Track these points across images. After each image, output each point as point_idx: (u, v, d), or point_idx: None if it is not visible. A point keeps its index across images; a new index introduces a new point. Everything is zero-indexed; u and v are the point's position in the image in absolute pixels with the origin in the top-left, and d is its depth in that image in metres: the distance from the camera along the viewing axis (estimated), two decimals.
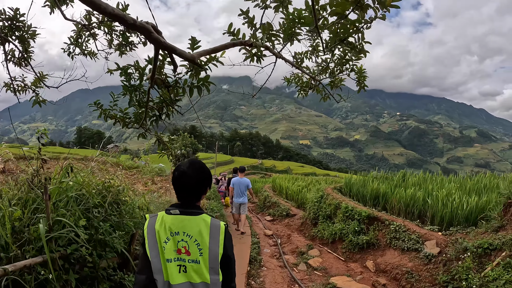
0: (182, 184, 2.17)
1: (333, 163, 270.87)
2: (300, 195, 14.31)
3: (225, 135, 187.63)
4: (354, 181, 10.85)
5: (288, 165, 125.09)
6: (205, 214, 2.21)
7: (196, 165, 2.24)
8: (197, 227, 2.13)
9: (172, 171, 17.26)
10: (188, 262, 2.10)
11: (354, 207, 8.86)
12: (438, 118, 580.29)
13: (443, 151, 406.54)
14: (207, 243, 2.12)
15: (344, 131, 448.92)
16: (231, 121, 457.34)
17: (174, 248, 2.10)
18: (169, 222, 2.12)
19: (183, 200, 2.20)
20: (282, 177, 19.24)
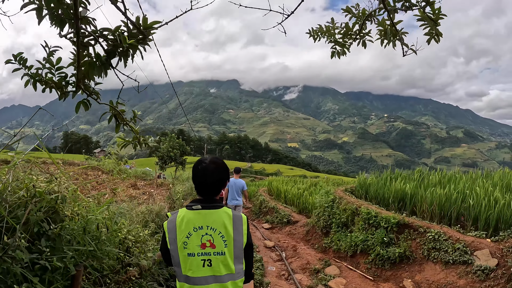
0: (204, 179, 2.19)
1: (321, 165, 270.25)
2: (302, 199, 12.67)
3: (214, 139, 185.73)
4: (370, 182, 9.23)
5: (277, 168, 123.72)
6: (225, 207, 2.23)
7: (216, 160, 2.28)
8: (221, 219, 2.16)
9: (156, 174, 15.26)
10: (213, 255, 2.13)
11: (378, 213, 7.26)
12: (425, 119, 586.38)
13: (431, 152, 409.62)
14: (231, 234, 2.16)
15: (332, 133, 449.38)
16: (219, 124, 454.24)
17: (197, 243, 2.12)
18: (192, 217, 2.15)
19: (204, 195, 2.23)
20: (279, 180, 17.53)
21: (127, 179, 17.26)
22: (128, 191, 13.65)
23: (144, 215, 7.69)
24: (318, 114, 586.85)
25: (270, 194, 16.10)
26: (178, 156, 20.38)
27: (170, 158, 20.15)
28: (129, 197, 12.61)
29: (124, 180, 17.09)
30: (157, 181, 14.36)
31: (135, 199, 11.90)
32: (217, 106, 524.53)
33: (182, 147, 21.05)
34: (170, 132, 26.77)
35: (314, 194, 12.71)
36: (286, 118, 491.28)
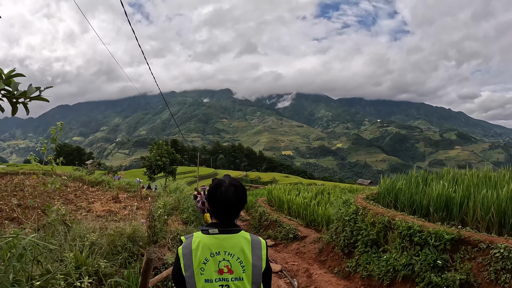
0: (224, 203, 2.13)
1: (316, 172, 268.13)
2: (309, 210, 10.84)
3: (208, 148, 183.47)
4: (400, 186, 7.43)
5: (273, 176, 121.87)
6: (243, 230, 2.18)
7: (235, 182, 2.20)
8: (239, 245, 2.11)
9: (140, 185, 13.34)
10: (231, 280, 2.08)
11: (422, 226, 5.49)
12: (418, 123, 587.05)
13: (425, 155, 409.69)
14: (250, 260, 2.11)
15: (326, 140, 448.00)
16: (213, 134, 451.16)
17: (215, 269, 2.07)
18: (208, 242, 2.10)
19: (223, 218, 2.17)
20: (280, 188, 15.66)
21: (110, 190, 15.40)
22: (107, 205, 11.77)
23: (112, 239, 5.83)
24: (311, 121, 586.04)
25: (271, 204, 14.31)
26: (167, 165, 18.50)
27: (159, 167, 18.27)
28: (107, 212, 10.77)
29: (106, 192, 15.23)
30: (142, 193, 12.47)
31: (114, 214, 10.06)
32: (210, 116, 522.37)
33: (172, 155, 19.19)
34: (158, 140, 24.95)
35: (323, 204, 10.92)
36: (279, 126, 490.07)
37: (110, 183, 15.80)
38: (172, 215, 8.29)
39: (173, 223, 7.22)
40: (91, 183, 17.36)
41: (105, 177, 17.18)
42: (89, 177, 18.02)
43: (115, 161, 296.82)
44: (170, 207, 8.58)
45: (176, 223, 7.49)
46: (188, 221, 7.77)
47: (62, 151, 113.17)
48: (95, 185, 16.95)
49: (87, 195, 14.64)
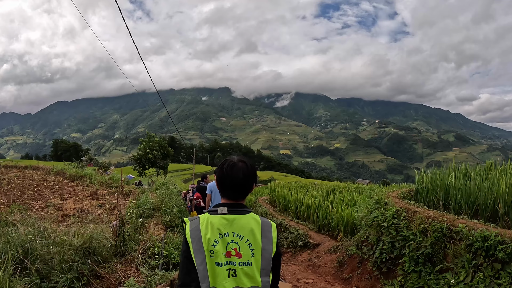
0: (232, 179, 2.02)
1: (314, 172, 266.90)
2: (322, 211, 9.05)
3: (205, 146, 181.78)
4: (451, 180, 5.63)
5: (271, 175, 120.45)
6: (252, 212, 2.07)
7: (245, 159, 2.12)
8: (248, 226, 1.99)
9: (122, 180, 11.58)
10: (238, 265, 1.95)
11: (504, 235, 3.76)
12: (416, 124, 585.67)
13: (423, 156, 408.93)
14: (259, 243, 1.98)
15: (324, 140, 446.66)
16: (211, 132, 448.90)
17: (223, 251, 1.94)
18: (217, 223, 1.97)
19: (231, 197, 2.06)
20: (285, 186, 13.81)
21: (90, 186, 13.60)
22: (80, 203, 9.96)
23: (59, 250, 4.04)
24: (310, 121, 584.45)
25: (273, 204, 12.50)
26: (158, 159, 16.61)
27: (149, 162, 16.38)
28: (80, 210, 9.00)
29: (86, 187, 13.44)
30: (123, 189, 10.68)
31: (85, 214, 8.28)
32: (209, 114, 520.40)
33: (164, 148, 17.29)
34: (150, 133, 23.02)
35: (338, 204, 9.15)
36: (278, 125, 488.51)
37: (92, 178, 14.00)
38: (153, 216, 6.55)
39: (151, 228, 5.43)
40: (72, 177, 15.58)
41: (87, 170, 15.39)
42: (71, 171, 16.22)
43: (112, 158, 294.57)
44: (151, 207, 6.83)
45: (156, 228, 5.71)
46: (171, 225, 6.00)
47: (59, 147, 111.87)
48: (76, 179, 15.17)
49: (64, 190, 12.88)
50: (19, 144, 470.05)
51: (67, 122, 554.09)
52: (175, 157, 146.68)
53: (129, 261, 4.31)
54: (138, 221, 5.22)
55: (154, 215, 6.63)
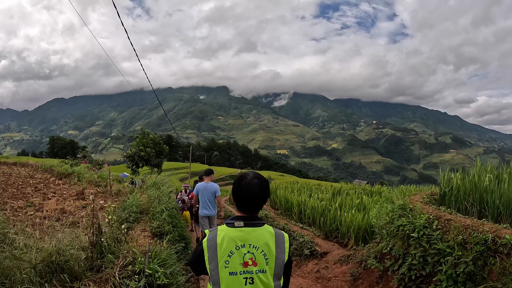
0: (249, 194, 2.16)
1: (311, 172, 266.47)
2: (329, 216, 8.20)
3: (203, 145, 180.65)
4: (486, 184, 4.80)
5: (268, 174, 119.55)
6: (266, 224, 2.22)
7: (259, 175, 2.26)
8: (263, 238, 2.14)
9: (110, 178, 10.72)
10: (255, 273, 2.10)
11: None
12: (413, 125, 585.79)
13: (420, 158, 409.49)
14: (274, 253, 2.13)
15: (321, 140, 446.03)
16: (209, 131, 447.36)
17: (240, 262, 2.10)
18: (233, 235, 2.12)
19: (247, 211, 2.20)
20: (287, 187, 12.86)
21: (78, 184, 12.71)
22: (63, 203, 9.08)
23: None
24: (307, 121, 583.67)
25: (275, 207, 11.61)
26: (152, 156, 15.70)
27: (142, 159, 15.46)
28: (60, 212, 8.15)
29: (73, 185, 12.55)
30: (112, 189, 9.80)
31: (67, 215, 7.43)
32: (206, 113, 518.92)
33: (159, 145, 16.36)
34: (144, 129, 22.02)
35: (347, 207, 8.30)
36: (275, 125, 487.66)
37: (81, 176, 13.11)
38: (140, 221, 5.70)
39: (137, 236, 4.57)
40: (59, 175, 14.69)
41: (76, 168, 14.49)
42: (59, 168, 15.33)
43: (109, 156, 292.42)
44: (138, 210, 5.98)
45: (143, 235, 4.85)
46: (160, 233, 5.13)
47: (55, 144, 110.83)
48: (64, 177, 14.27)
49: (49, 189, 11.99)
50: (16, 140, 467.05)
51: (64, 119, 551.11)
52: (172, 156, 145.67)
53: (104, 279, 3.46)
54: (121, 228, 4.38)
55: (142, 219, 5.78)
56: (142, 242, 4.37)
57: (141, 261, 3.50)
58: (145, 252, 3.71)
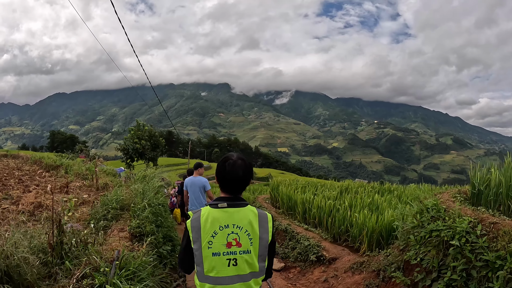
0: (232, 176, 2.13)
1: (311, 170, 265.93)
2: (338, 216, 7.37)
3: (203, 141, 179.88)
4: None
5: (269, 172, 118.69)
6: (249, 205, 2.19)
7: (243, 157, 2.23)
8: (247, 218, 2.12)
9: (96, 170, 9.90)
10: (239, 253, 2.08)
11: None
12: (414, 126, 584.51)
13: (420, 158, 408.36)
14: (257, 232, 2.11)
15: (322, 138, 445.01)
16: (209, 128, 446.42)
17: (223, 242, 2.07)
18: (217, 216, 2.10)
19: (231, 191, 2.17)
20: (290, 184, 11.88)
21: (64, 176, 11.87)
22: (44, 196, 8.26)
23: None
24: (308, 119, 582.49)
25: (276, 205, 10.72)
26: (147, 149, 14.81)
27: (137, 152, 14.60)
28: (36, 206, 7.36)
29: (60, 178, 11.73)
30: (98, 182, 8.95)
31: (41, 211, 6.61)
32: (207, 110, 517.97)
33: (154, 138, 15.48)
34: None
35: (358, 207, 7.44)
36: (276, 123, 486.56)
37: (69, 168, 12.30)
38: (120, 219, 4.86)
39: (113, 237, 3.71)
40: (48, 167, 13.88)
41: (65, 160, 13.68)
42: (48, 160, 14.53)
43: (110, 151, 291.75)
44: (118, 206, 5.14)
45: (120, 237, 4.00)
46: (140, 233, 4.27)
47: (56, 139, 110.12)
48: (52, 169, 13.47)
49: (34, 181, 11.18)
50: (17, 134, 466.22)
51: (66, 114, 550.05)
52: (172, 152, 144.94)
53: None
54: (90, 228, 3.54)
55: (122, 217, 4.95)
56: (116, 245, 3.52)
57: (105, 271, 2.65)
58: (113, 259, 2.86)
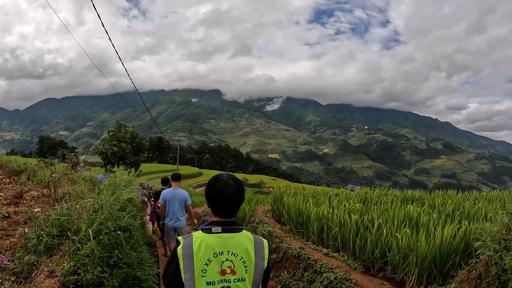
0: (226, 196, 2.03)
1: (302, 176, 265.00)
2: (371, 238, 5.39)
3: (194, 148, 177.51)
4: None
5: (260, 178, 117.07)
6: (245, 230, 2.11)
7: (234, 177, 2.15)
8: (243, 244, 2.02)
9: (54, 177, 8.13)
10: (233, 282, 1.98)
11: None
12: (405, 131, 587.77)
13: (411, 163, 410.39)
14: (253, 260, 2.02)
15: (313, 145, 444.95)
16: (200, 134, 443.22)
17: (217, 270, 1.96)
18: (211, 242, 1.98)
19: (224, 214, 2.07)
20: (297, 194, 9.54)
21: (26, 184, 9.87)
22: None
23: None
24: (299, 125, 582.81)
25: (280, 220, 8.65)
26: (128, 153, 12.83)
27: (115, 156, 12.62)
28: None
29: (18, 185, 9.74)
30: (58, 192, 7.01)
31: None
32: (198, 116, 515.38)
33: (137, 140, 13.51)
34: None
35: (392, 223, 5.59)
36: (267, 129, 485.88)
37: (36, 173, 10.34)
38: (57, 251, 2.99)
39: None
40: (11, 172, 11.85)
41: (30, 165, 11.71)
42: (12, 164, 12.47)
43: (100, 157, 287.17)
44: (56, 232, 3.28)
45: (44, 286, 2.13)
46: (77, 283, 2.41)
47: (45, 144, 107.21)
48: (15, 175, 11.44)
49: None
50: (7, 140, 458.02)
51: (56, 120, 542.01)
52: (162, 158, 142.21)
53: None
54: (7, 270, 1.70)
55: (60, 248, 3.10)
56: None
57: None
58: None
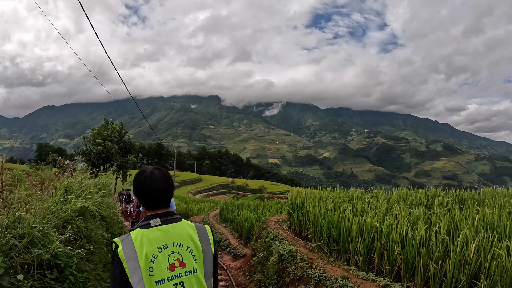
0: (154, 187, 1.92)
1: (303, 181, 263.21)
2: (453, 260, 3.46)
3: (193, 154, 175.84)
4: None
5: (261, 184, 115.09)
6: (184, 219, 2.01)
7: (159, 167, 2.06)
8: (186, 233, 1.93)
9: None
10: (185, 275, 1.85)
11: None
12: (404, 134, 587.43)
13: (411, 166, 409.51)
14: (200, 247, 1.93)
15: (313, 149, 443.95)
16: (200, 140, 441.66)
17: (165, 266, 1.82)
18: (153, 236, 1.84)
19: (156, 206, 1.94)
20: (323, 198, 7.36)
21: None
22: None
23: None
24: (298, 130, 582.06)
25: (301, 234, 6.67)
26: (114, 154, 10.91)
27: (99, 157, 10.71)
28: None
29: None
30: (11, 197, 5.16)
31: None
32: (197, 122, 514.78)
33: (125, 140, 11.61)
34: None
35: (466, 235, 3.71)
36: (266, 134, 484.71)
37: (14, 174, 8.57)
38: None
39: None
40: None
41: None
42: None
43: None
44: None
45: None
46: None
47: (43, 152, 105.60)
48: None
49: None
50: (6, 148, 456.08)
51: (55, 127, 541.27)
52: (162, 164, 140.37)
53: None
54: None
55: None
56: None
57: None
58: None
